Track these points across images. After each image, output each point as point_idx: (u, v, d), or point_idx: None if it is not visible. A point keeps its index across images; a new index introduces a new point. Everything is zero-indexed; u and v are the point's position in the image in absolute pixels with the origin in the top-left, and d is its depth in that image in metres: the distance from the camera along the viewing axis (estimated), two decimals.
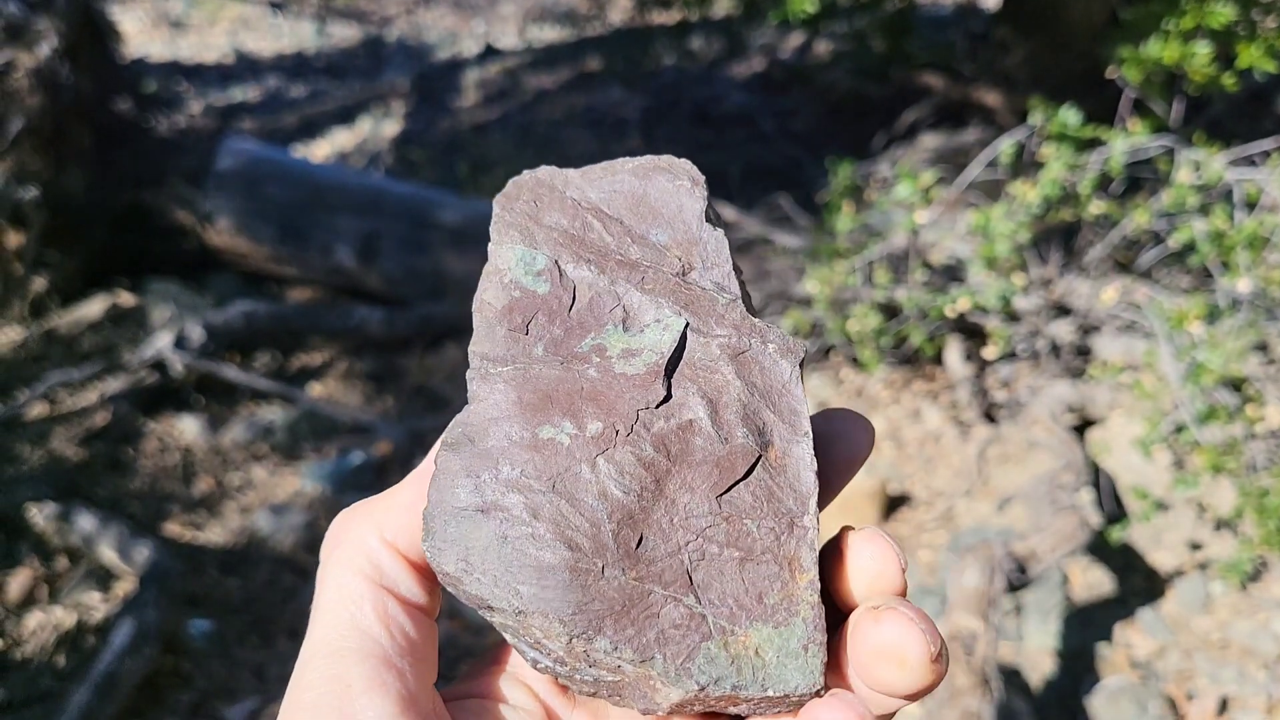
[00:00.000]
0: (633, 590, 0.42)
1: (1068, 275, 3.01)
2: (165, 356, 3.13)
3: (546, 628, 0.41)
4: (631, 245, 0.52)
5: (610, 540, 0.42)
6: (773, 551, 0.43)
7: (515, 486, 0.42)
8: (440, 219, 3.83)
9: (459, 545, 0.42)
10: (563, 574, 0.41)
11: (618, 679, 0.42)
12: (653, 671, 0.41)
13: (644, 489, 0.44)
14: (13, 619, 2.32)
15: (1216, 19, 2.82)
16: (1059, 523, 2.34)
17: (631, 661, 0.41)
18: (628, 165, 0.56)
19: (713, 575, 0.43)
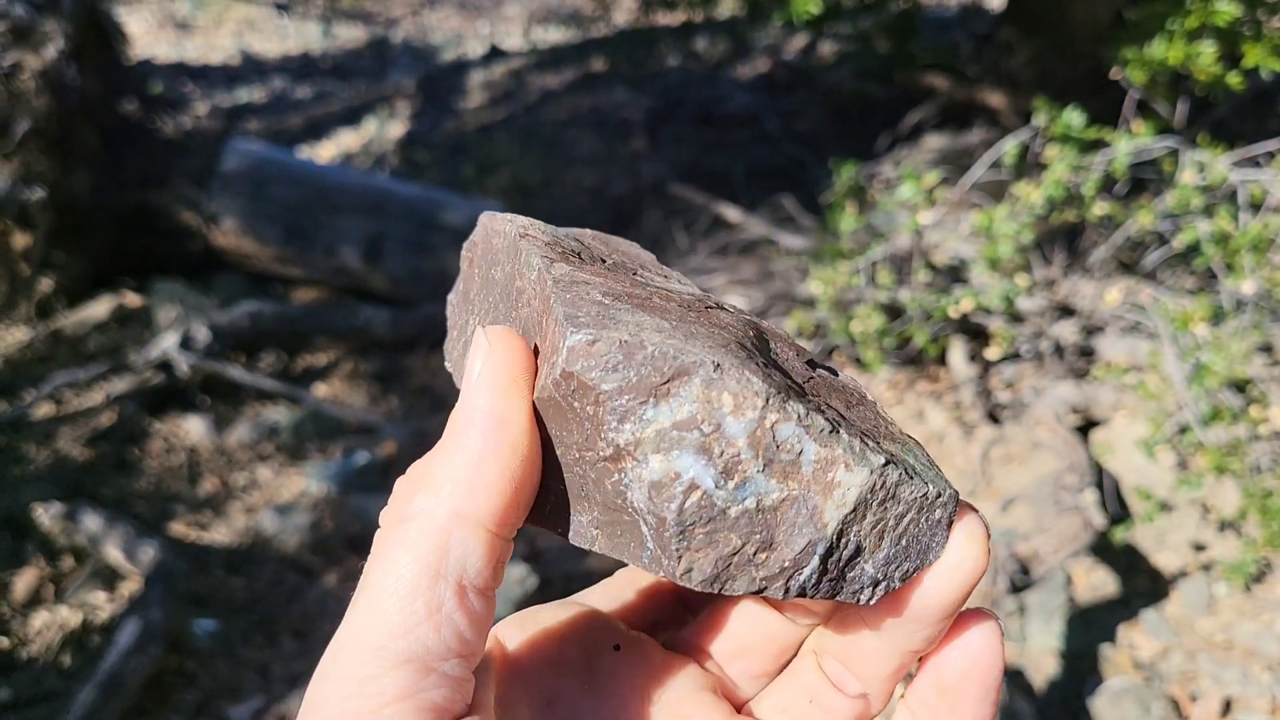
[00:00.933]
0: (793, 385, 0.41)
1: (1072, 276, 3.01)
2: (171, 357, 3.14)
3: (742, 392, 0.38)
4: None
5: (754, 348, 0.42)
6: (863, 402, 0.45)
7: (654, 328, 0.40)
8: (445, 220, 3.84)
9: (626, 327, 0.40)
10: (741, 353, 0.40)
11: (784, 494, 0.39)
12: (837, 449, 0.39)
13: (756, 334, 0.44)
14: (19, 618, 2.33)
15: (1221, 17, 2.82)
16: (1062, 523, 2.34)
17: (821, 433, 0.39)
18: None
19: (838, 404, 0.43)
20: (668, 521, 0.39)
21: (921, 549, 0.41)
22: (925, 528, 0.41)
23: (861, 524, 0.40)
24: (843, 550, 0.41)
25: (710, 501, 0.39)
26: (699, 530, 0.39)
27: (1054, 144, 2.78)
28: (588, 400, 0.39)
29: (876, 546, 0.41)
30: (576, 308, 0.41)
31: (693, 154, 4.97)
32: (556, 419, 0.42)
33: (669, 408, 0.38)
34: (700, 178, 4.53)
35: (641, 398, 0.39)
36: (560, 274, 0.44)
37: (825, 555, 0.40)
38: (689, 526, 0.39)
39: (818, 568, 0.40)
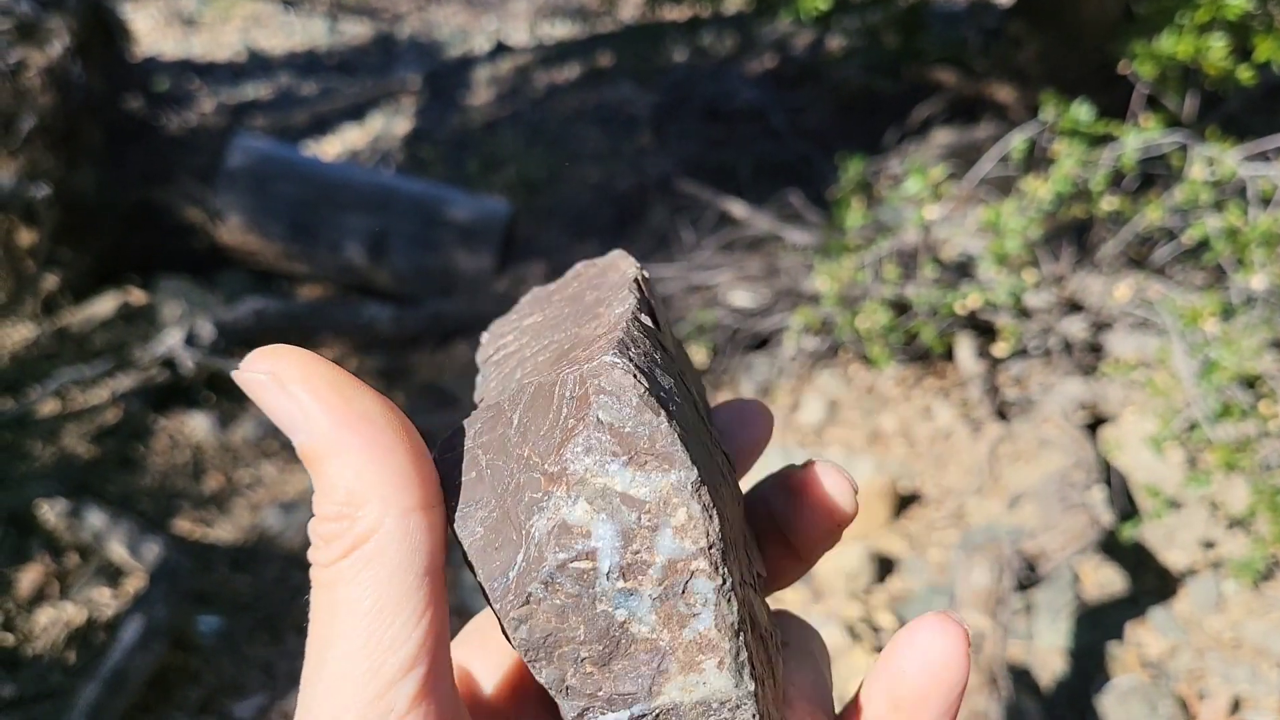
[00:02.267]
0: (743, 570, 0.42)
1: (1080, 272, 2.99)
2: (176, 354, 3.14)
3: (698, 523, 0.37)
4: None
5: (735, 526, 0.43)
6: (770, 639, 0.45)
7: (680, 419, 0.40)
8: (450, 216, 3.83)
9: (663, 390, 0.40)
10: (719, 505, 0.39)
11: (652, 636, 0.38)
12: (725, 644, 0.38)
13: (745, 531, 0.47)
14: (23, 615, 2.33)
15: (1232, 11, 2.79)
16: (1069, 521, 2.33)
17: (725, 620, 0.38)
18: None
19: (759, 613, 0.43)
20: (544, 565, 0.37)
21: None
22: None
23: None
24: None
25: (592, 581, 0.37)
26: (561, 595, 0.38)
27: (1062, 138, 2.76)
28: (579, 413, 0.38)
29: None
30: (635, 347, 0.40)
31: (699, 149, 4.96)
32: (535, 406, 0.41)
33: (632, 477, 0.37)
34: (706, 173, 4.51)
35: (619, 449, 0.37)
36: (643, 321, 0.43)
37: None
38: (556, 585, 0.37)
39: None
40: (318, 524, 0.41)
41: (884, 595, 2.46)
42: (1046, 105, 2.80)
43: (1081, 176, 2.70)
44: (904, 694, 0.41)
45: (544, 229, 4.40)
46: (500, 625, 0.39)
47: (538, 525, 0.38)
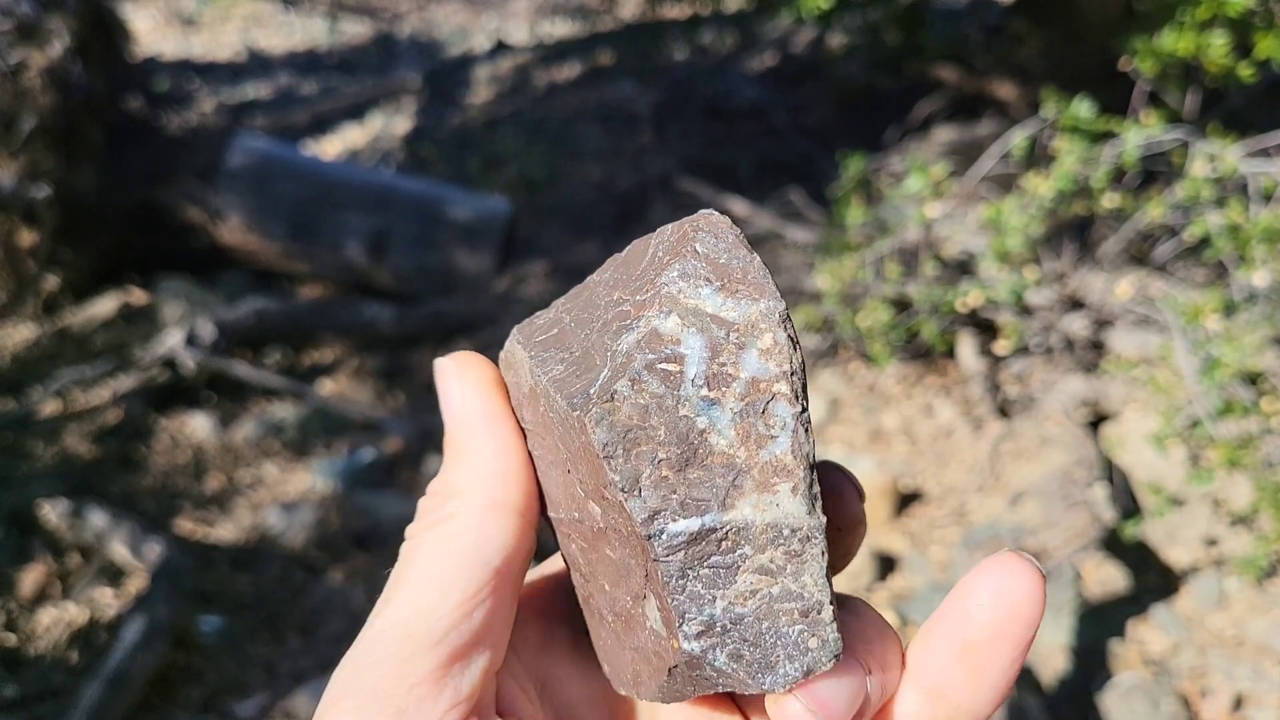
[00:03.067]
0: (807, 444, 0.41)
1: (1081, 269, 2.99)
2: (177, 354, 3.14)
3: (782, 348, 0.38)
4: None
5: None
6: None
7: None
8: (451, 215, 3.83)
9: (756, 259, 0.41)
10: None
11: (729, 450, 0.38)
12: (799, 473, 0.38)
13: None
14: (26, 615, 2.34)
15: (1233, 8, 2.79)
16: (1071, 518, 2.33)
17: (800, 449, 0.38)
18: None
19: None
20: (632, 364, 0.38)
21: (766, 651, 0.38)
22: (786, 627, 0.38)
23: (755, 553, 0.38)
24: (718, 550, 0.38)
25: (677, 383, 0.38)
26: (645, 394, 0.38)
27: (1063, 135, 2.75)
28: (676, 249, 0.40)
29: (741, 598, 0.38)
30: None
31: (700, 148, 4.95)
32: (628, 261, 0.43)
33: (722, 301, 0.38)
34: (707, 171, 4.51)
35: (712, 276, 0.39)
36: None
37: (702, 534, 0.38)
38: (642, 383, 0.38)
39: (688, 538, 0.38)
40: (421, 500, 0.46)
41: (885, 593, 2.46)
42: (1048, 102, 2.80)
43: (1083, 173, 2.70)
44: (976, 636, 0.39)
45: (545, 228, 4.39)
46: (567, 451, 0.41)
47: (626, 340, 0.39)
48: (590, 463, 0.39)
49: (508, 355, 0.46)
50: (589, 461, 0.39)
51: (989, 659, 0.39)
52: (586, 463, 0.40)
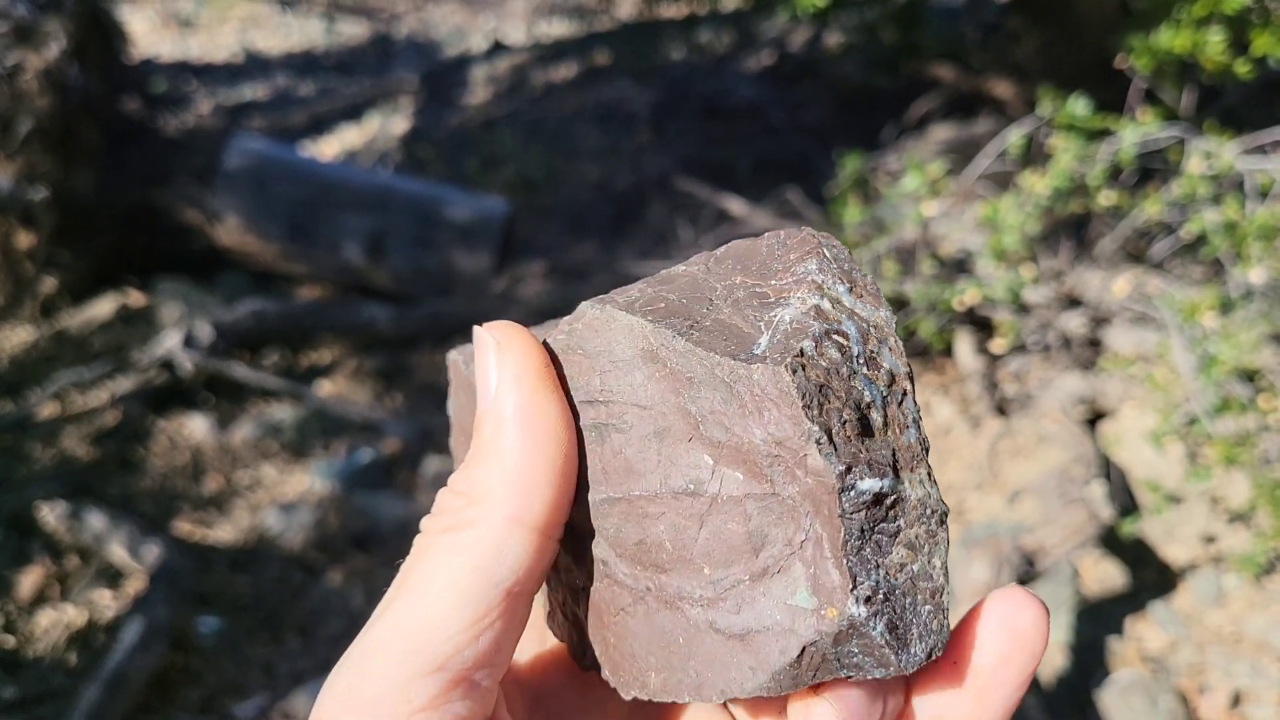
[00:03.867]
0: None
1: (1078, 267, 2.99)
2: (175, 355, 3.14)
3: (899, 341, 0.42)
4: None
5: None
6: None
7: None
8: (449, 216, 3.83)
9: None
10: None
11: (890, 426, 0.40)
12: (921, 470, 0.40)
13: None
14: (24, 617, 2.34)
15: (1229, 5, 2.79)
16: (1069, 516, 2.33)
17: (920, 450, 0.41)
18: None
19: None
20: (810, 329, 0.39)
21: (906, 627, 0.38)
22: (921, 606, 0.39)
23: (907, 526, 0.39)
24: (887, 517, 0.39)
25: (849, 355, 0.40)
26: (825, 359, 0.39)
27: (1059, 133, 2.76)
28: (803, 248, 0.43)
29: (894, 569, 0.39)
30: None
31: (697, 147, 4.95)
32: (733, 255, 0.45)
33: (854, 302, 0.41)
34: (705, 170, 4.51)
35: (842, 277, 0.42)
36: None
37: (881, 496, 0.38)
38: (823, 347, 0.39)
39: (871, 498, 0.38)
40: (441, 493, 0.43)
41: None
42: (1044, 100, 2.80)
43: (1079, 171, 2.70)
44: (981, 663, 0.40)
45: (543, 228, 4.39)
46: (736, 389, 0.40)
47: (783, 314, 0.40)
48: (751, 420, 0.39)
49: (589, 320, 0.44)
50: (752, 418, 0.39)
51: (993, 687, 0.40)
52: (746, 420, 0.40)
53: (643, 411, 0.42)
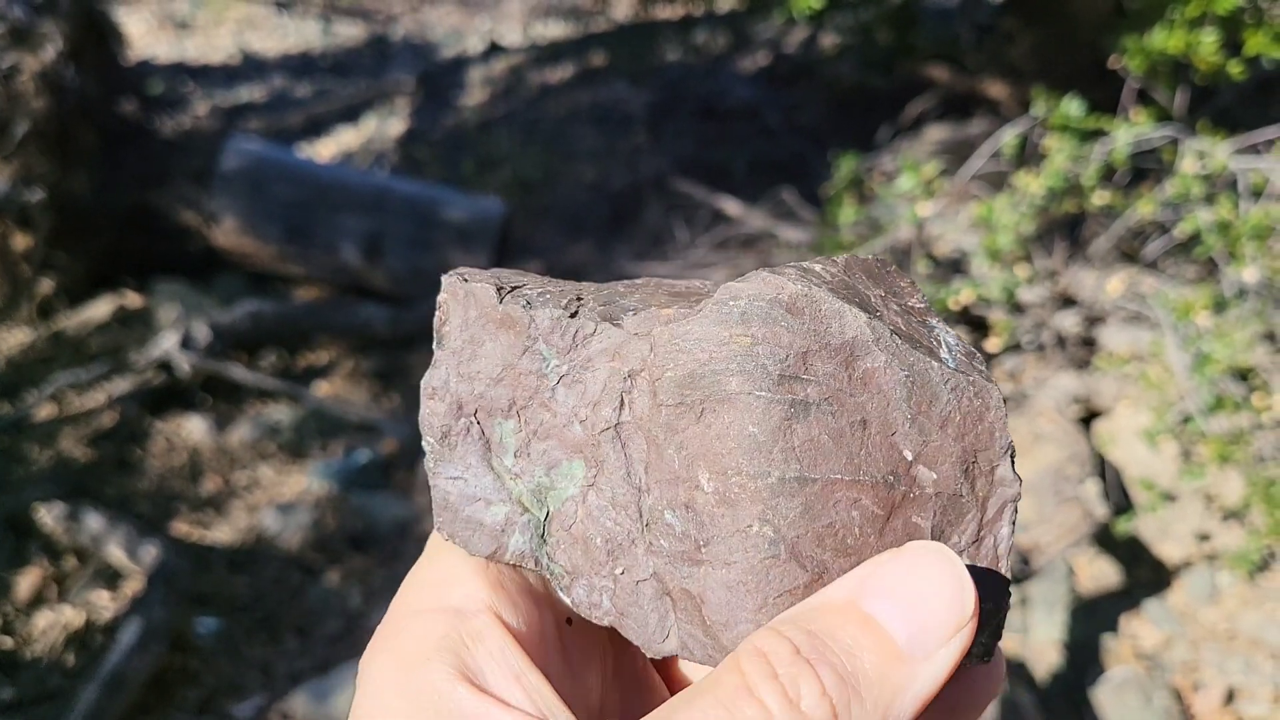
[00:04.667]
0: None
1: (1073, 266, 3.00)
2: (172, 357, 3.15)
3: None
4: None
5: None
6: None
7: None
8: (446, 217, 3.84)
9: None
10: None
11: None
12: None
13: None
14: (22, 618, 2.34)
15: (1222, 5, 2.80)
16: (1064, 514, 2.34)
17: None
18: None
19: None
20: (964, 345, 0.45)
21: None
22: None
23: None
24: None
25: (975, 359, 0.45)
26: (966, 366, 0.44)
27: (1053, 134, 2.77)
28: (904, 279, 0.48)
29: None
30: None
31: (693, 148, 4.96)
32: (866, 267, 0.48)
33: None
34: (701, 171, 4.52)
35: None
36: None
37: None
38: (970, 360, 0.45)
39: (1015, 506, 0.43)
40: None
41: None
42: (1038, 101, 2.81)
43: (1073, 171, 2.71)
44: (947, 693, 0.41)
45: (539, 228, 4.40)
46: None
47: (941, 334, 0.46)
48: (950, 425, 0.43)
49: (809, 298, 0.44)
50: (950, 423, 0.43)
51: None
52: (944, 424, 0.43)
53: (846, 398, 0.43)
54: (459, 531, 0.45)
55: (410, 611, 0.42)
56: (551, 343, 0.46)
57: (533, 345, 0.46)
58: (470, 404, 0.46)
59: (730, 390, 0.42)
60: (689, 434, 0.43)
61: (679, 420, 0.43)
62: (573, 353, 0.46)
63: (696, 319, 0.44)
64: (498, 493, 0.46)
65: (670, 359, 0.44)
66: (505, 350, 0.46)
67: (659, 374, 0.44)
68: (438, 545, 0.45)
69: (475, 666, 0.39)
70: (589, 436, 0.45)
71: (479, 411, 0.46)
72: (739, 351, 0.43)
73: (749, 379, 0.42)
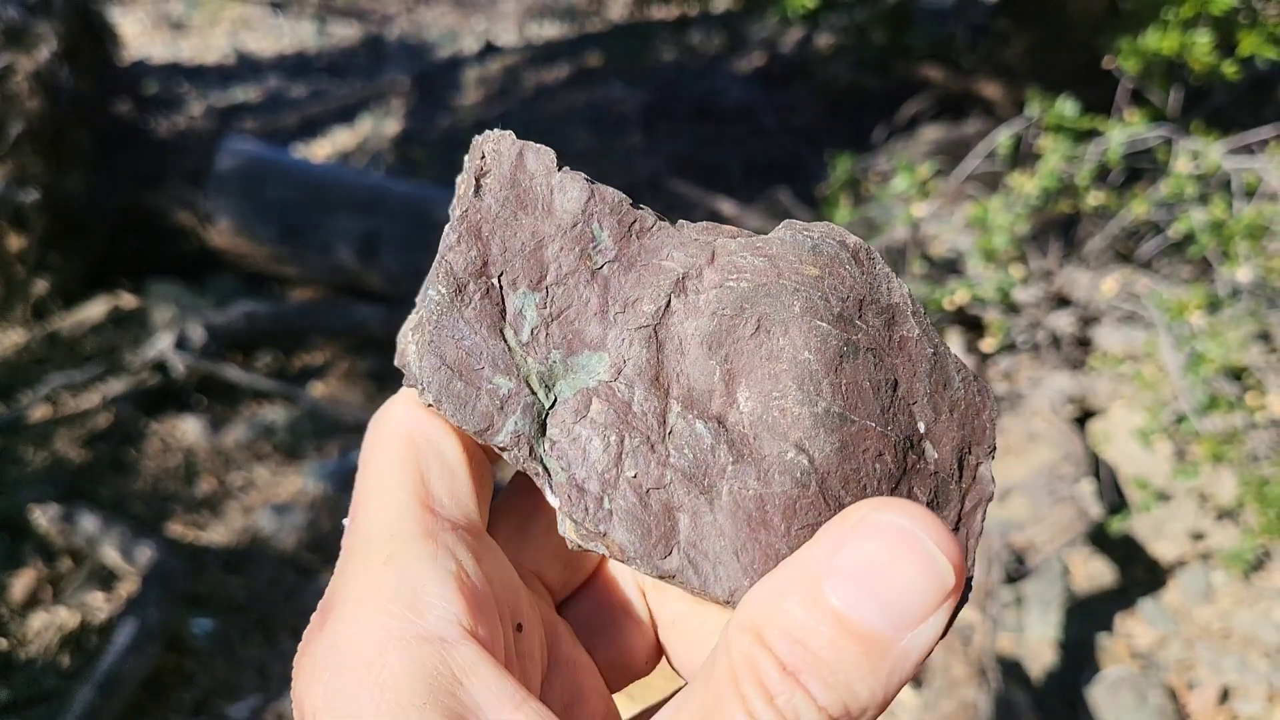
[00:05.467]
0: None
1: (1067, 266, 3.01)
2: (167, 357, 3.14)
3: None
4: None
5: None
6: None
7: None
8: (441, 217, 3.82)
9: None
10: None
11: None
12: None
13: None
14: (17, 619, 2.34)
15: (1217, 6, 2.81)
16: (1058, 514, 2.34)
17: None
18: None
19: None
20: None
21: None
22: None
23: None
24: None
25: None
26: None
27: (1048, 134, 2.77)
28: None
29: None
30: None
31: (689, 148, 4.96)
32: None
33: None
34: (696, 172, 4.52)
35: None
36: None
37: None
38: None
39: None
40: None
41: None
42: (1032, 101, 2.82)
43: (1068, 172, 2.72)
44: None
45: None
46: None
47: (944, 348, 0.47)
48: (956, 411, 0.44)
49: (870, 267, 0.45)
50: (956, 410, 0.44)
51: None
52: (951, 410, 0.44)
53: (885, 355, 0.43)
54: (448, 399, 0.41)
55: (376, 638, 0.36)
56: (606, 224, 0.44)
57: (586, 221, 0.44)
58: (496, 265, 0.44)
59: (794, 312, 0.42)
60: (739, 347, 0.42)
61: (732, 332, 0.42)
62: (626, 241, 0.44)
63: (768, 240, 0.44)
64: (505, 365, 0.42)
65: (734, 270, 0.43)
66: (550, 220, 0.44)
67: (719, 281, 0.43)
68: (381, 530, 0.40)
69: (473, 706, 0.35)
70: (622, 331, 0.43)
71: (504, 275, 0.43)
72: (807, 280, 0.43)
73: (812, 307, 0.42)
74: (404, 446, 0.43)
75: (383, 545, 0.39)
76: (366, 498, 0.43)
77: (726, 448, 0.41)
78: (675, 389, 0.42)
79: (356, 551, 0.40)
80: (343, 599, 0.39)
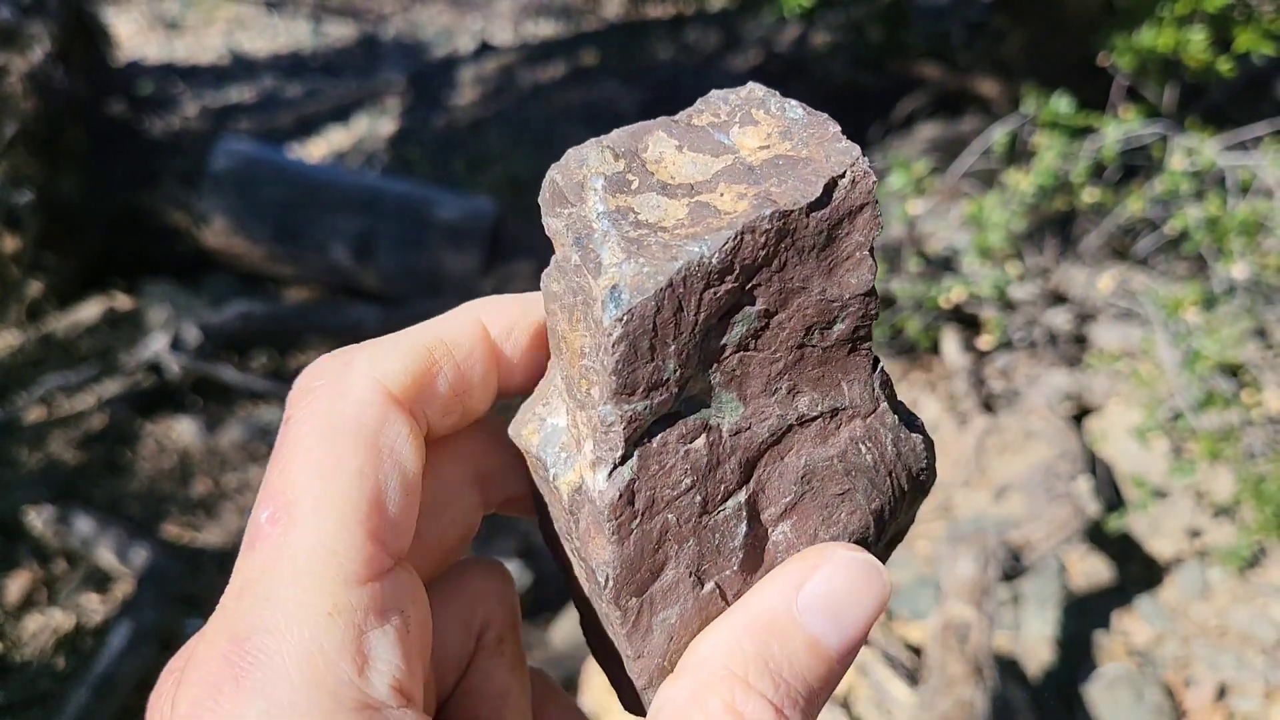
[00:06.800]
0: None
1: (1063, 264, 3.00)
2: (162, 358, 3.13)
3: None
4: None
5: None
6: None
7: None
8: (437, 217, 3.83)
9: None
10: None
11: None
12: None
13: None
14: (12, 621, 2.33)
15: (1212, 3, 2.81)
16: (1055, 511, 2.34)
17: None
18: None
19: None
20: None
21: None
22: None
23: None
24: None
25: None
26: None
27: (1043, 131, 2.77)
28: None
29: None
30: None
31: None
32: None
33: None
34: None
35: None
36: None
37: None
38: None
39: None
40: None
41: None
42: (1028, 98, 2.82)
43: (1063, 169, 2.71)
44: None
45: (530, 228, 4.39)
46: None
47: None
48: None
49: None
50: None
51: None
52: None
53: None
54: (628, 339, 0.39)
55: (323, 708, 0.34)
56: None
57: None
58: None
59: (862, 506, 0.47)
60: (818, 500, 0.44)
61: (824, 490, 0.44)
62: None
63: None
64: (687, 354, 0.41)
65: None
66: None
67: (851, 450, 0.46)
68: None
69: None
70: (771, 406, 0.43)
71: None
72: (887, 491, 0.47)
73: (877, 511, 0.47)
74: (366, 451, 0.39)
75: (329, 588, 0.36)
76: (308, 495, 0.38)
77: (741, 556, 0.42)
78: (753, 482, 0.42)
79: (289, 578, 0.36)
80: (275, 643, 0.35)
